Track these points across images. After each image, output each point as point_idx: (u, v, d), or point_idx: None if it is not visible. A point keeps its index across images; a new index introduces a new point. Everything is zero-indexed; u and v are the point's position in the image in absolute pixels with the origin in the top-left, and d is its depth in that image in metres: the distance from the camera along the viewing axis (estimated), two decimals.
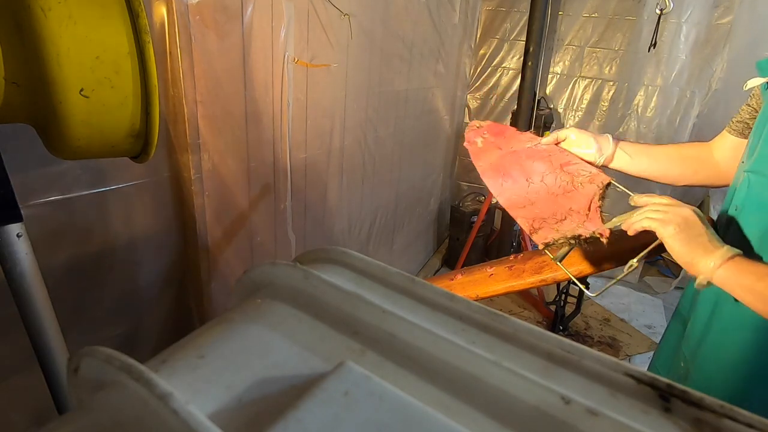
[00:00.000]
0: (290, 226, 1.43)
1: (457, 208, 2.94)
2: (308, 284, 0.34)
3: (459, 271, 1.11)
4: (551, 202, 0.85)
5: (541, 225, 0.81)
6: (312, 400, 0.25)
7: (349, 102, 1.62)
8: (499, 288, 0.96)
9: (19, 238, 0.55)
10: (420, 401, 0.25)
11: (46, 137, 0.53)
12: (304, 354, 0.29)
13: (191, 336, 0.32)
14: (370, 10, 1.62)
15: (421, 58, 2.21)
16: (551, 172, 0.89)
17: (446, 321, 0.32)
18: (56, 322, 0.60)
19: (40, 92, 0.48)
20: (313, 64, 1.35)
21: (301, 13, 1.26)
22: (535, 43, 2.63)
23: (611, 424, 0.24)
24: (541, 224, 0.82)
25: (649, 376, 0.27)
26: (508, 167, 0.93)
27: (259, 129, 1.20)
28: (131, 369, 0.24)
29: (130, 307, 1.01)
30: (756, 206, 0.72)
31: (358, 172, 1.84)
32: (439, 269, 3.07)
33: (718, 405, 0.25)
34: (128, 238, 0.96)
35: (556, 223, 0.81)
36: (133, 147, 0.57)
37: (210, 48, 1.00)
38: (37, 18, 0.45)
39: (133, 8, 0.51)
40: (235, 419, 0.25)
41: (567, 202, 0.84)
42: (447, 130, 2.93)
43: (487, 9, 3.01)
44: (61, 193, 0.81)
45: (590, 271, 0.87)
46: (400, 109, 2.11)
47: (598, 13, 2.75)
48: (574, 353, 0.29)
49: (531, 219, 0.83)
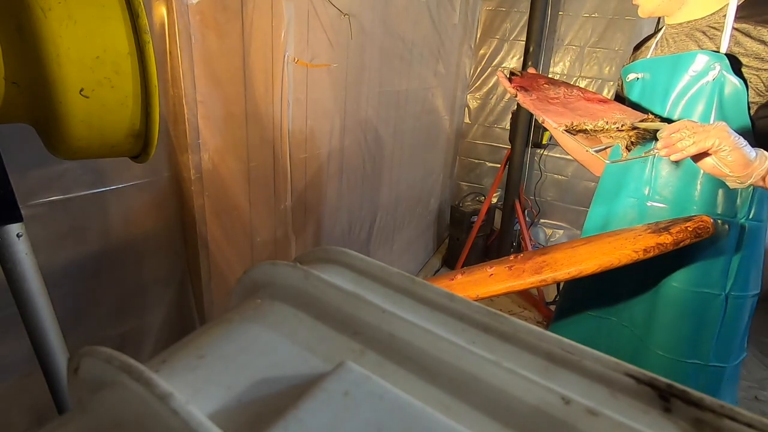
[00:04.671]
0: (290, 226, 1.43)
1: (457, 208, 2.94)
2: (308, 284, 0.34)
3: (459, 271, 1.11)
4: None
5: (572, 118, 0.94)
6: (312, 400, 0.25)
7: (349, 102, 1.62)
8: (499, 288, 0.96)
9: (19, 238, 0.55)
10: (420, 401, 0.25)
11: (46, 137, 0.53)
12: (304, 354, 0.29)
13: (191, 336, 0.32)
14: (370, 10, 1.62)
15: (421, 58, 2.21)
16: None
17: (446, 321, 0.32)
18: (56, 322, 0.60)
19: (40, 92, 0.48)
20: (313, 64, 1.35)
21: (301, 13, 1.26)
22: (535, 43, 2.64)
23: (611, 424, 0.24)
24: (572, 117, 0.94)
25: (649, 376, 0.27)
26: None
27: (259, 129, 1.20)
28: (131, 369, 0.24)
29: (130, 307, 1.01)
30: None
31: (358, 172, 1.84)
32: (439, 269, 3.07)
33: (718, 405, 0.25)
34: (128, 238, 0.96)
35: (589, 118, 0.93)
36: (133, 147, 0.57)
37: (210, 48, 1.00)
38: (37, 18, 0.45)
39: (133, 8, 0.51)
40: (235, 419, 0.25)
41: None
42: (447, 130, 2.93)
43: (487, 9, 3.01)
44: (61, 193, 0.81)
45: (590, 270, 0.87)
46: (400, 109, 2.11)
47: (598, 13, 2.75)
48: (574, 353, 0.29)
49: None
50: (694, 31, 0.94)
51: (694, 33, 0.94)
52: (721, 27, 0.90)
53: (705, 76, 0.89)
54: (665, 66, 0.97)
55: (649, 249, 0.80)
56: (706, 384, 0.97)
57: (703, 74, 0.90)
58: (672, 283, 0.96)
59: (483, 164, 3.33)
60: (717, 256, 0.93)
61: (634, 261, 0.81)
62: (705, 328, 0.95)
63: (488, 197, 2.83)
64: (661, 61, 0.98)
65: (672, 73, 0.95)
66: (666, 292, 0.97)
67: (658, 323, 0.98)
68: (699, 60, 0.90)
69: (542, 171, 3.08)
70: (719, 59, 0.87)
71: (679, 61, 0.93)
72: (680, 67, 0.93)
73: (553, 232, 3.19)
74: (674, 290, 0.96)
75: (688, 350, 0.96)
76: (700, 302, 0.95)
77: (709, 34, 0.92)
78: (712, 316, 0.95)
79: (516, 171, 2.78)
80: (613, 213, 1.06)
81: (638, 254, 0.81)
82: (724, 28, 0.89)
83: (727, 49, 0.89)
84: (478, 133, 3.26)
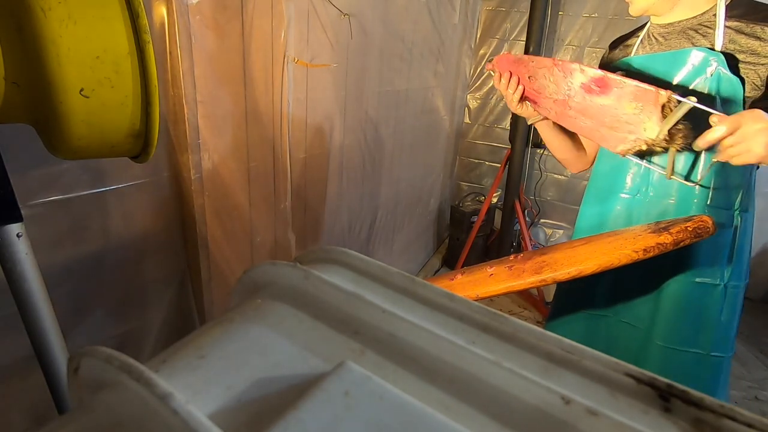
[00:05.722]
0: (290, 226, 1.43)
1: (457, 208, 2.94)
2: (308, 284, 0.34)
3: (459, 271, 1.11)
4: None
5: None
6: (312, 400, 0.25)
7: (349, 102, 1.62)
8: (499, 288, 0.96)
9: (19, 238, 0.55)
10: (420, 401, 0.25)
11: (46, 137, 0.53)
12: (304, 354, 0.29)
13: (191, 336, 0.32)
14: (370, 10, 1.62)
15: (421, 58, 2.20)
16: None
17: (446, 321, 0.32)
18: (56, 322, 0.60)
19: (40, 92, 0.48)
20: (313, 64, 1.35)
21: (301, 13, 1.26)
22: (535, 43, 2.63)
23: (611, 424, 0.24)
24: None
25: (649, 376, 0.27)
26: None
27: (259, 129, 1.20)
28: (131, 369, 0.24)
29: (130, 307, 1.01)
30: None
31: (358, 172, 1.84)
32: (439, 269, 3.07)
33: (718, 405, 0.25)
34: (128, 238, 0.96)
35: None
36: (133, 147, 0.57)
37: (210, 48, 0.99)
38: (37, 18, 0.45)
39: (133, 8, 0.51)
40: (235, 419, 0.25)
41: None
42: (447, 129, 2.93)
43: (487, 9, 3.01)
44: (61, 193, 0.81)
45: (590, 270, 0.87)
46: (400, 109, 2.11)
47: (598, 13, 2.75)
48: (574, 353, 0.29)
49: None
50: (686, 29, 0.96)
51: (687, 31, 0.96)
52: (713, 25, 0.92)
53: (703, 72, 0.91)
54: (661, 63, 0.98)
55: (649, 249, 0.80)
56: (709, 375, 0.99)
57: (700, 70, 0.91)
58: (676, 276, 0.98)
59: (483, 164, 3.33)
60: (718, 248, 0.95)
61: (634, 261, 0.81)
62: (706, 319, 0.98)
63: (488, 197, 2.83)
64: (658, 58, 0.99)
65: (669, 69, 0.96)
66: (669, 285, 0.98)
67: (662, 315, 0.99)
68: (695, 56, 0.92)
69: (542, 171, 3.08)
70: (715, 56, 0.90)
71: (677, 58, 0.95)
72: (677, 63, 0.94)
73: (553, 232, 3.20)
74: (677, 282, 0.97)
75: (690, 340, 0.98)
76: (702, 293, 0.97)
77: (702, 32, 0.94)
78: (713, 306, 0.97)
79: (516, 171, 2.78)
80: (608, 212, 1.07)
81: (638, 254, 0.81)
82: (716, 26, 0.91)
83: (723, 47, 0.91)
84: (478, 133, 3.26)
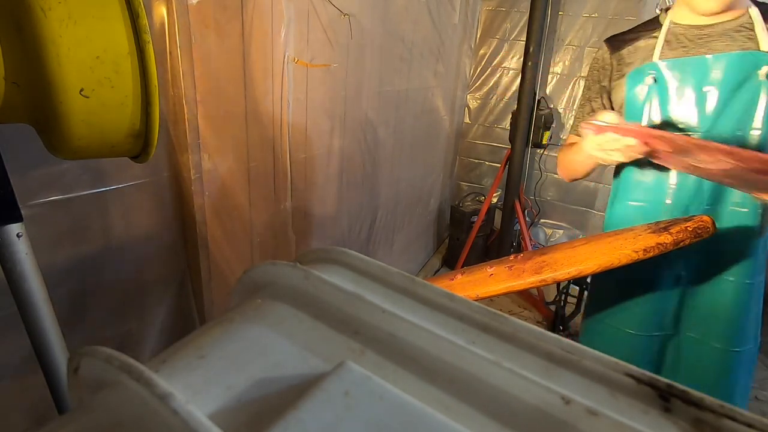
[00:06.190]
0: (290, 226, 1.43)
1: (457, 208, 2.94)
2: (308, 284, 0.34)
3: (459, 271, 1.11)
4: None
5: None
6: (312, 400, 0.25)
7: (349, 102, 1.62)
8: (499, 288, 0.96)
9: (19, 238, 0.55)
10: (420, 401, 0.25)
11: (46, 137, 0.53)
12: (304, 354, 0.29)
13: (191, 336, 0.32)
14: (370, 10, 1.62)
15: (421, 58, 2.20)
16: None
17: (446, 321, 0.32)
18: (56, 322, 0.60)
19: (40, 92, 0.48)
20: (313, 64, 1.35)
21: (301, 13, 1.26)
22: (535, 43, 2.63)
23: (611, 424, 0.24)
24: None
25: (649, 375, 0.27)
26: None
27: (259, 129, 1.20)
28: (131, 369, 0.24)
29: (130, 307, 1.01)
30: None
31: (358, 171, 1.84)
32: (439, 269, 3.07)
33: (718, 405, 0.25)
34: (128, 238, 0.96)
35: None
36: (133, 147, 0.57)
37: (210, 48, 0.99)
38: (37, 18, 0.45)
39: (133, 8, 0.51)
40: (235, 419, 0.25)
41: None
42: (447, 130, 2.93)
43: (487, 9, 3.01)
44: (61, 193, 0.81)
45: (590, 270, 0.87)
46: (400, 109, 2.11)
47: (598, 13, 2.75)
48: (574, 353, 0.29)
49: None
50: (728, 32, 0.94)
51: (729, 33, 0.94)
52: (752, 27, 0.92)
53: (755, 75, 0.91)
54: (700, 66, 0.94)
55: (649, 249, 0.80)
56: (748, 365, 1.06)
57: (753, 73, 0.91)
58: (728, 278, 1.01)
59: (483, 164, 3.33)
60: (757, 247, 1.00)
61: (634, 261, 0.81)
62: (751, 315, 1.04)
63: (488, 197, 2.83)
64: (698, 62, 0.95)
65: (723, 72, 0.92)
66: (723, 288, 1.02)
67: (718, 318, 1.03)
68: (750, 59, 0.90)
69: (542, 171, 3.08)
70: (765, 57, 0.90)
71: (732, 61, 0.92)
72: (733, 66, 0.92)
73: (553, 232, 3.19)
74: (730, 285, 1.01)
75: (743, 339, 1.04)
76: (748, 292, 1.02)
77: (745, 34, 0.93)
78: (755, 302, 1.04)
79: (516, 171, 2.78)
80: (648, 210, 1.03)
81: (638, 254, 0.81)
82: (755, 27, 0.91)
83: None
84: (478, 132, 3.26)
